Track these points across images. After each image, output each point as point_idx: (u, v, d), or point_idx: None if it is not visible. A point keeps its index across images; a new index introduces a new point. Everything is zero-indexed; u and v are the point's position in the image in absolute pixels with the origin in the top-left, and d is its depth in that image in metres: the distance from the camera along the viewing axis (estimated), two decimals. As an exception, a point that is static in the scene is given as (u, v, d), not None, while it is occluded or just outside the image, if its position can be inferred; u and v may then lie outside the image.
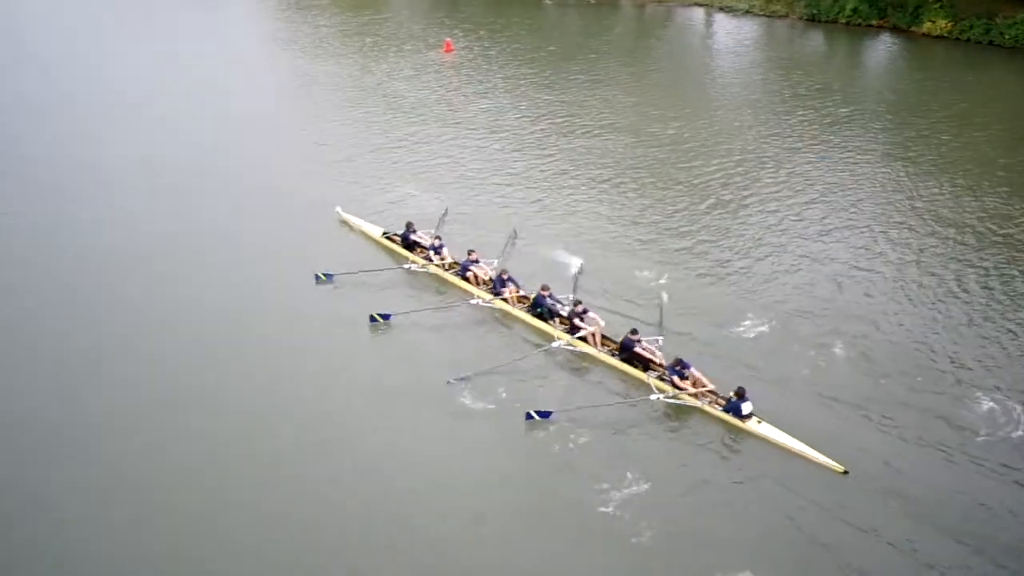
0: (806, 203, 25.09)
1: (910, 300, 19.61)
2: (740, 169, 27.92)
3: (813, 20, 50.86)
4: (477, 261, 20.53)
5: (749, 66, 43.09)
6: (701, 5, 56.80)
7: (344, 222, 24.25)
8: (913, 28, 46.87)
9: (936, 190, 25.90)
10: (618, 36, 52.45)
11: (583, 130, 32.11)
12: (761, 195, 25.76)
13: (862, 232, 23.24)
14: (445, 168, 28.80)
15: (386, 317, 18.95)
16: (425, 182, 27.51)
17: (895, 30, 47.79)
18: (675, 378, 16.22)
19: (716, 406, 15.83)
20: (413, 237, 22.09)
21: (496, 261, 20.70)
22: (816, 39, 49.15)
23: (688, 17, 55.68)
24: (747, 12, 53.98)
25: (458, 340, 18.64)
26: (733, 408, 15.46)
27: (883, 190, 26.05)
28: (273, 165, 29.42)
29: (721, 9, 55.49)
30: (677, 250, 22.22)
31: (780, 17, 52.58)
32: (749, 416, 15.38)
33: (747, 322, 18.57)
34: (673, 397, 16.17)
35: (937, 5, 45.92)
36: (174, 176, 28.85)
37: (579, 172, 27.89)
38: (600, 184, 26.89)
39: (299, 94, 40.51)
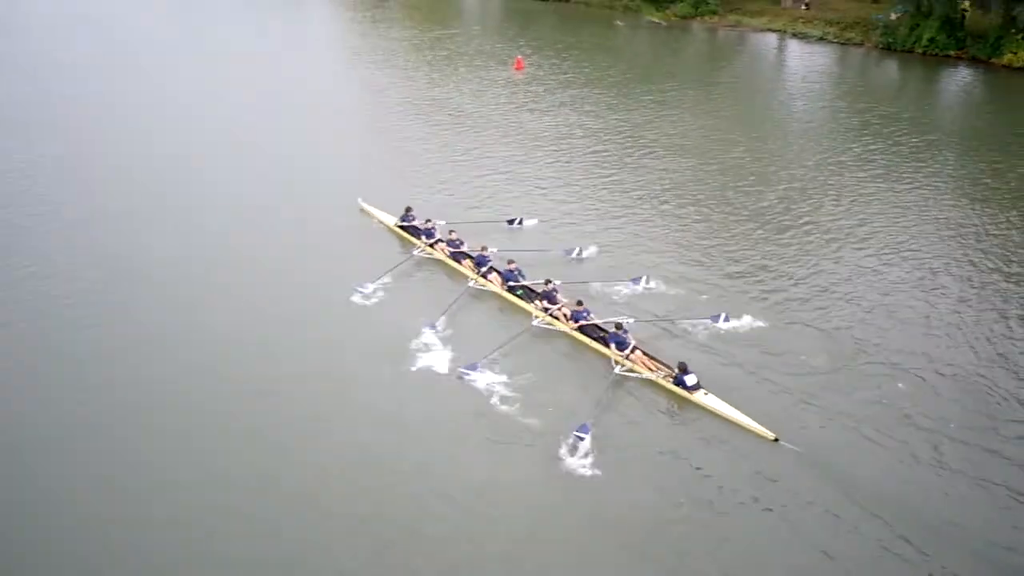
0: (868, 233, 24.67)
1: (966, 338, 19.08)
2: (804, 195, 27.63)
3: (889, 49, 50.15)
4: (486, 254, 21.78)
5: (820, 93, 42.61)
6: (774, 31, 56.51)
7: (364, 211, 26.04)
8: (993, 59, 45.88)
9: (1005, 226, 25.22)
10: (688, 59, 52.46)
11: (648, 151, 32.15)
12: (822, 223, 25.42)
13: (923, 264, 22.75)
14: (508, 182, 29.09)
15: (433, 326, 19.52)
16: (487, 195, 27.85)
17: (974, 61, 46.84)
18: (628, 351, 17.70)
19: (667, 379, 17.10)
20: (413, 223, 23.71)
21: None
22: (890, 68, 48.41)
23: (760, 42, 55.39)
24: (821, 39, 53.52)
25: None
26: (678, 380, 16.71)
27: (949, 223, 25.47)
28: (333, 176, 30.00)
29: (794, 35, 55.12)
30: (735, 273, 22.05)
31: (855, 45, 52.00)
32: (696, 387, 16.56)
33: (803, 355, 18.26)
34: (627, 370, 17.49)
35: (1020, 36, 44.84)
36: (234, 182, 29.67)
37: (641, 192, 27.91)
38: (661, 204, 26.87)
39: (367, 105, 41.47)
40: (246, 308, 20.58)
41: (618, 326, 18.32)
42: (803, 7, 58.32)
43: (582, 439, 15.29)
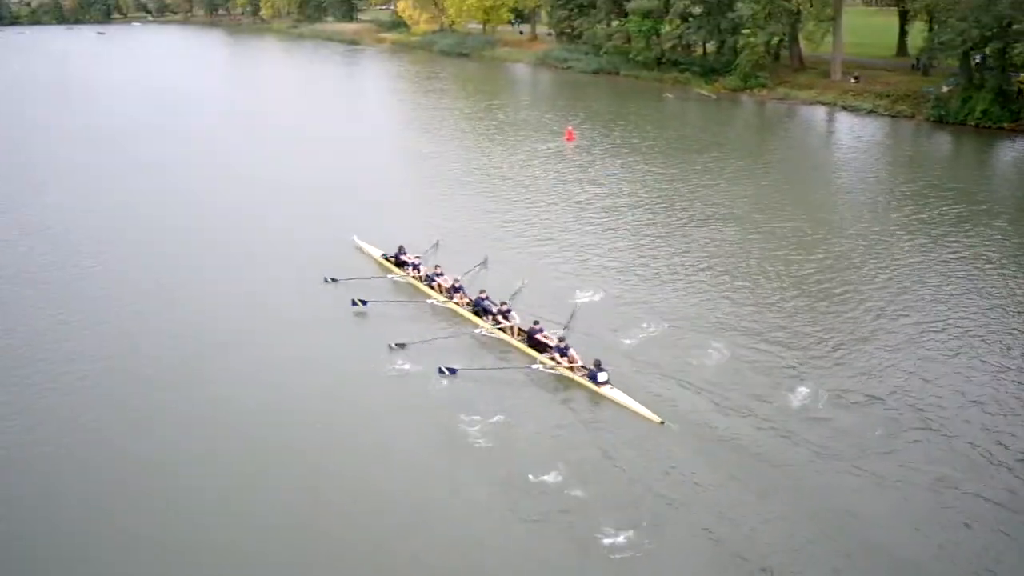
0: (910, 301, 24.32)
1: (999, 406, 18.62)
2: (848, 263, 27.36)
3: (940, 121, 49.89)
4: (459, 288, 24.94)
5: (869, 164, 42.54)
6: (823, 104, 56.82)
7: (359, 248, 29.86)
8: (1048, 131, 45.37)
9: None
10: (736, 130, 52.92)
11: (696, 220, 32.29)
12: (864, 291, 25.12)
13: (964, 332, 22.30)
14: (557, 250, 29.54)
15: (364, 302, 24.49)
16: (532, 260, 28.34)
17: (1029, 133, 46.34)
18: (557, 355, 20.42)
19: (584, 376, 19.70)
20: (403, 257, 27.59)
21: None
22: (942, 140, 48.13)
23: (809, 114, 55.71)
24: (871, 112, 53.59)
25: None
26: (592, 376, 19.45)
27: (993, 294, 24.97)
28: (379, 238, 30.74)
29: (844, 108, 55.33)
30: (775, 339, 21.91)
31: (906, 118, 51.89)
32: (605, 383, 19.30)
33: (844, 412, 18.03)
34: (551, 368, 20.43)
35: (1075, 109, 44.40)
36: (284, 244, 30.94)
37: (687, 260, 27.96)
38: (704, 272, 26.89)
39: (416, 171, 42.73)
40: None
41: (560, 339, 21.07)
42: (853, 80, 58.58)
43: (444, 373, 20.04)
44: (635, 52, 71.12)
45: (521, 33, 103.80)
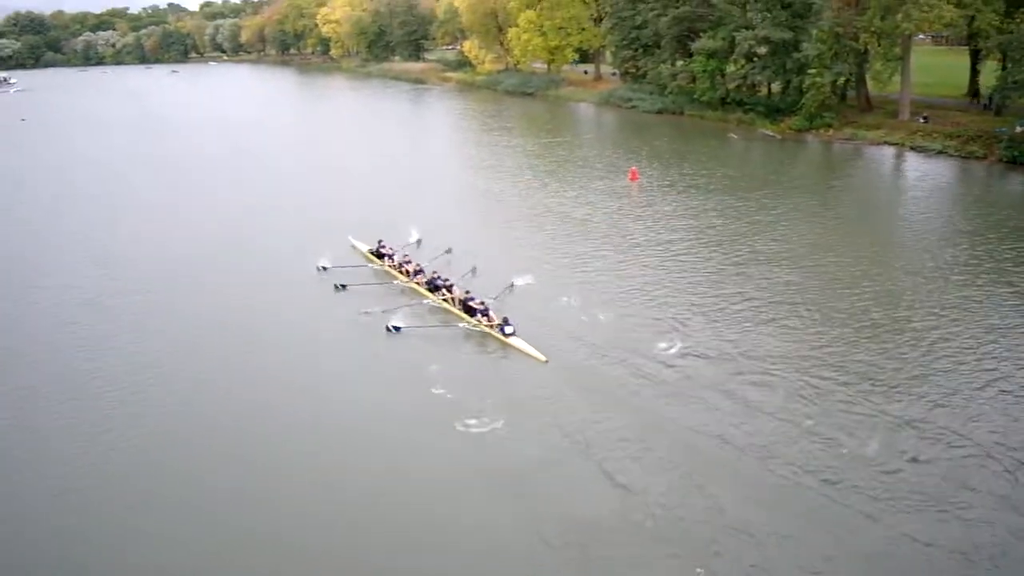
0: (973, 347, 24.01)
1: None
2: (908, 304, 27.17)
3: (1013, 162, 48.93)
4: (439, 278, 29.96)
5: (936, 205, 41.97)
6: (891, 144, 56.21)
7: (354, 246, 35.63)
8: None
9: None
10: (801, 170, 52.65)
11: (757, 261, 32.33)
12: (930, 337, 24.84)
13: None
14: (610, 283, 30.12)
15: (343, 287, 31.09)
16: (589, 294, 28.81)
17: (1107, 175, 45.28)
18: (480, 316, 26.12)
19: (497, 329, 25.35)
20: (382, 250, 33.44)
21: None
22: (1014, 182, 47.15)
23: (876, 155, 55.18)
24: (940, 152, 52.80)
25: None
26: (501, 329, 25.20)
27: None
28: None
29: (912, 148, 54.61)
30: (825, 378, 21.94)
31: (977, 159, 50.98)
32: (512, 334, 24.96)
33: (907, 460, 18.00)
34: (474, 326, 26.20)
35: None
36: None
37: (747, 301, 28.06)
38: (763, 312, 26.99)
39: (478, 206, 43.81)
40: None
41: (481, 302, 26.86)
42: (922, 120, 57.90)
43: (390, 330, 26.21)
44: (700, 92, 71.40)
45: (585, 73, 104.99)
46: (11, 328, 29.04)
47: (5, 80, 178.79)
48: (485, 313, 26.15)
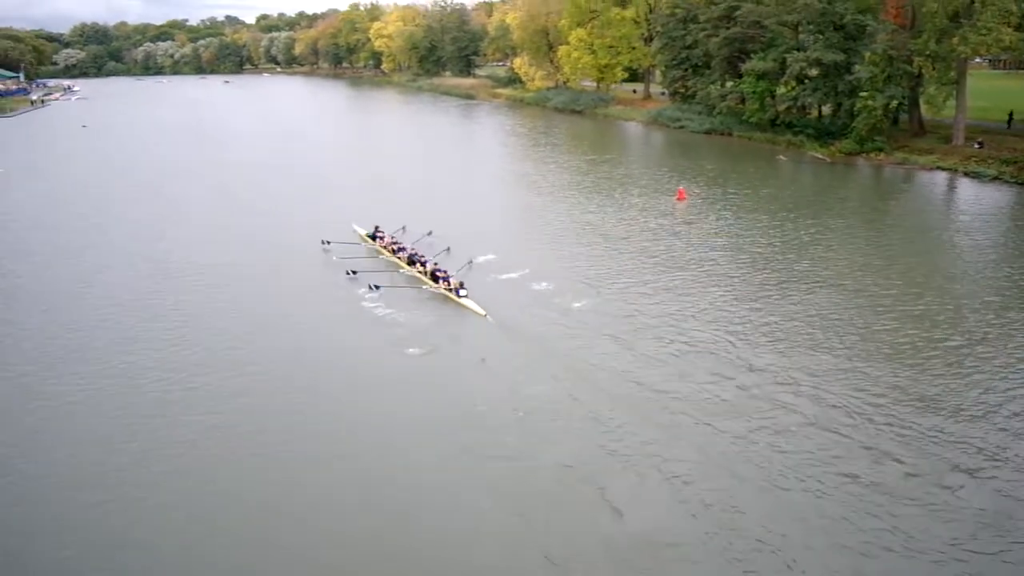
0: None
1: None
2: (961, 333, 26.81)
3: (1071, 191, 48.06)
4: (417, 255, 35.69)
5: (989, 232, 41.20)
6: (944, 169, 55.45)
7: (356, 232, 40.92)
8: None
9: None
10: (850, 194, 52.10)
11: (803, 285, 31.94)
12: (981, 371, 24.48)
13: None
14: (650, 303, 30.07)
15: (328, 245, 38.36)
16: (625, 314, 28.91)
17: None
18: (441, 282, 31.64)
19: (452, 292, 30.70)
20: (375, 234, 39.30)
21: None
22: (1072, 210, 46.30)
23: (928, 180, 54.46)
24: (995, 179, 51.98)
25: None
26: (456, 292, 30.50)
27: None
28: (487, 295, 32.04)
29: (966, 174, 53.82)
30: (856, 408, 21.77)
31: (1034, 185, 50.13)
32: (464, 296, 30.21)
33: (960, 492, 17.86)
34: (434, 289, 31.71)
35: None
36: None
37: (790, 327, 27.76)
38: (805, 336, 26.77)
39: (522, 223, 44.20)
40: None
41: (444, 271, 32.48)
42: (976, 146, 57.06)
43: (372, 288, 31.73)
44: (749, 113, 71.19)
45: (634, 92, 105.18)
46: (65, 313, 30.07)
47: (69, 88, 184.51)
48: (446, 280, 31.75)
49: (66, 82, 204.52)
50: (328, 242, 38.58)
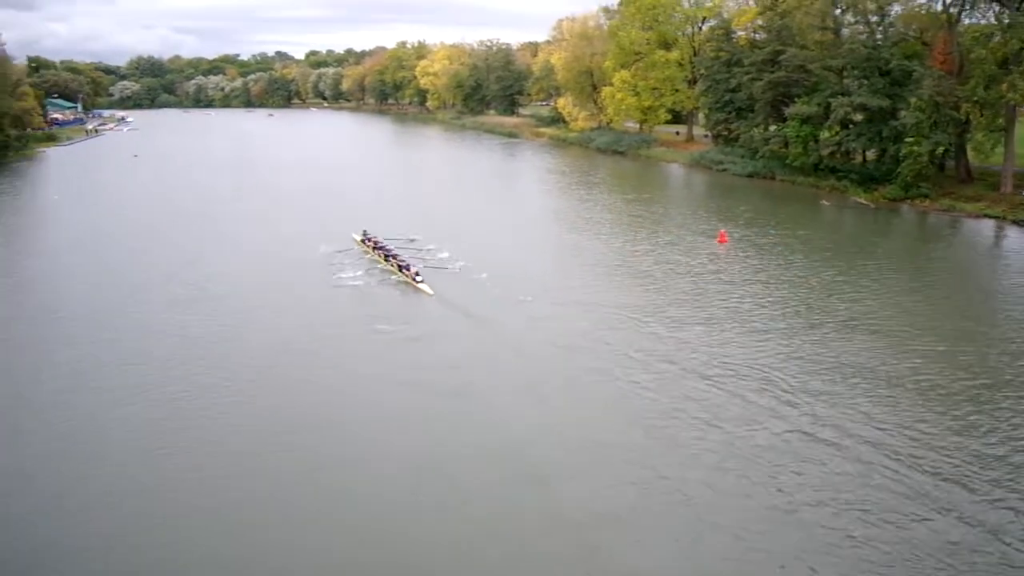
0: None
1: None
2: (1004, 383, 26.42)
3: (1123, 241, 47.19)
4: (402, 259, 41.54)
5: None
6: (991, 217, 54.69)
7: (353, 239, 47.00)
8: None
9: None
10: (893, 240, 51.70)
11: (841, 331, 31.72)
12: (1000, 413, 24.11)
13: None
14: (680, 347, 30.01)
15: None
16: (661, 354, 28.97)
17: None
18: (404, 270, 38.81)
19: (412, 279, 37.66)
20: (363, 238, 45.98)
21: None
22: None
23: (974, 228, 53.78)
24: (1045, 227, 51.22)
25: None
26: (414, 278, 37.30)
27: None
28: (515, 337, 32.32)
29: (1015, 222, 53.02)
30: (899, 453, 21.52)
31: (1084, 236, 49.32)
32: (421, 282, 37.19)
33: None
34: (401, 278, 38.77)
35: None
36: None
37: (827, 375, 27.41)
38: (842, 384, 26.49)
39: (561, 262, 44.65)
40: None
41: (408, 264, 39.65)
42: (1025, 194, 56.36)
43: (353, 276, 39.62)
44: (792, 157, 70.86)
45: (677, 134, 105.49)
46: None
47: (123, 119, 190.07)
48: (408, 269, 39.01)
49: (120, 113, 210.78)
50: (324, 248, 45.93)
